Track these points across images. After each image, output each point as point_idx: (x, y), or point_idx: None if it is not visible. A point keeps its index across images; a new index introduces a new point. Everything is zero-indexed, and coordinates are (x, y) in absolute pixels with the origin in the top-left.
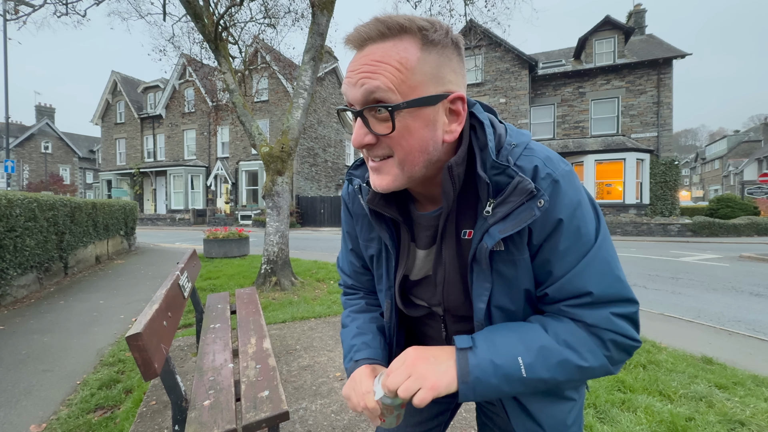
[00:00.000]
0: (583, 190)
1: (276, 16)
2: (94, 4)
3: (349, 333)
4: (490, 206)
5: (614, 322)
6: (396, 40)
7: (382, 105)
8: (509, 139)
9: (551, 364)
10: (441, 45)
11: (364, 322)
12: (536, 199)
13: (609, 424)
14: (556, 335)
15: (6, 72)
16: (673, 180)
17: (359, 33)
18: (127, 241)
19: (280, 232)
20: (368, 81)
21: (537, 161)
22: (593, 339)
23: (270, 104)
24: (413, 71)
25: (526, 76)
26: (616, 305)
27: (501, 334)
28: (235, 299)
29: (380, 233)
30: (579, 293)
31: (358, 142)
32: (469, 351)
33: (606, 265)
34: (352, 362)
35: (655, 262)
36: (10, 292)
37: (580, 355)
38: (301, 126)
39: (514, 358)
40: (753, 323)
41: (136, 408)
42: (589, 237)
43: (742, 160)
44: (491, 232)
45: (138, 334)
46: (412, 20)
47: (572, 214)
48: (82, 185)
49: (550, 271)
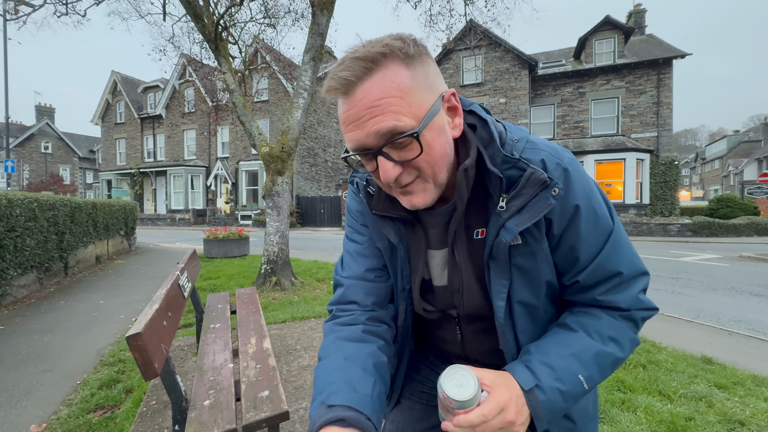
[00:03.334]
0: (589, 176)
1: (276, 16)
2: (94, 4)
3: (327, 365)
4: (503, 201)
5: (641, 300)
6: (383, 70)
7: (405, 135)
8: (510, 135)
9: (605, 367)
10: (417, 55)
11: (355, 352)
12: (550, 188)
13: (609, 423)
14: (600, 335)
15: (6, 72)
16: (673, 180)
17: (343, 78)
18: (127, 241)
19: (280, 232)
20: (381, 122)
21: (543, 153)
22: (629, 324)
23: (270, 104)
24: (412, 91)
25: (526, 76)
26: (638, 281)
27: (555, 353)
28: (235, 299)
29: (387, 235)
30: (611, 275)
31: (391, 177)
32: (536, 389)
33: (628, 245)
34: (322, 407)
35: (655, 262)
36: (10, 292)
37: (622, 347)
38: (301, 126)
39: (576, 377)
40: (753, 323)
41: (136, 408)
42: (606, 219)
43: (742, 160)
44: (507, 226)
45: (138, 334)
46: (387, 44)
47: (588, 199)
48: (82, 185)
49: (577, 257)
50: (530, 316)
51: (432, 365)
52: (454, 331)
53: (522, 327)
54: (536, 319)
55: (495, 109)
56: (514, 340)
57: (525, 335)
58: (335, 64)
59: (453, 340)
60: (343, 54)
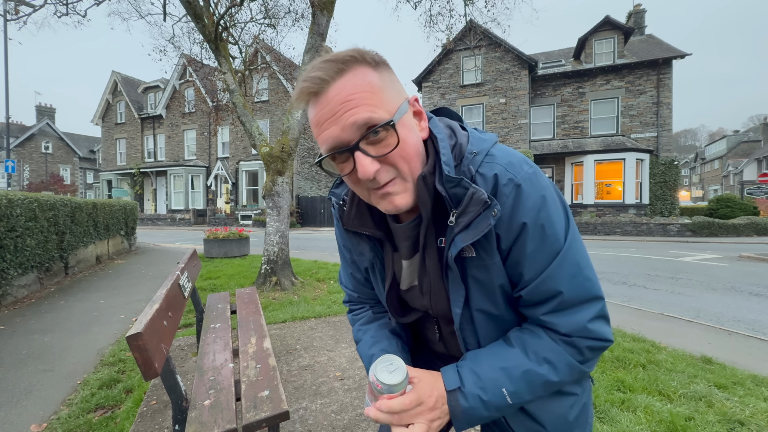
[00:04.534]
0: (551, 190)
1: (276, 17)
2: (95, 5)
3: (365, 345)
4: (453, 216)
5: (588, 328)
6: (353, 71)
7: (382, 125)
8: (470, 148)
9: (534, 387)
10: (382, 63)
11: (376, 330)
12: (491, 209)
13: (609, 423)
14: (536, 355)
15: (6, 72)
16: (673, 180)
17: (317, 77)
18: (127, 241)
19: (281, 232)
20: (356, 113)
21: (497, 168)
22: (570, 349)
23: (270, 104)
24: (382, 89)
25: (526, 77)
26: (587, 306)
27: (486, 364)
28: (236, 299)
29: (362, 249)
30: (550, 295)
31: (369, 173)
32: (458, 392)
33: (575, 267)
34: None
35: (655, 262)
36: (10, 292)
37: (557, 371)
38: (302, 126)
39: (500, 390)
40: (752, 323)
41: (136, 408)
42: (556, 237)
43: (742, 160)
44: (455, 241)
45: (138, 333)
46: (355, 50)
47: (536, 217)
48: (83, 185)
49: (521, 274)
50: (492, 323)
51: (427, 360)
52: (434, 330)
53: (484, 333)
54: (500, 325)
55: (495, 109)
56: (477, 345)
57: (489, 341)
58: (304, 73)
59: (434, 339)
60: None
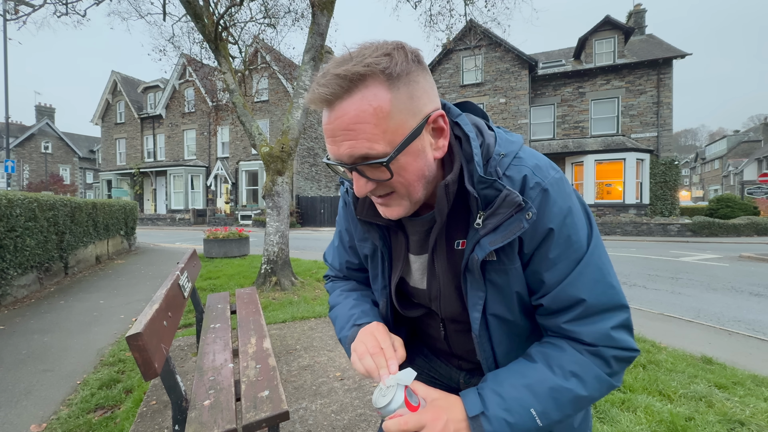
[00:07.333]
0: (575, 196)
1: (276, 16)
2: (94, 4)
3: (344, 306)
4: (481, 218)
5: (614, 337)
6: (362, 90)
7: (375, 162)
8: (498, 149)
9: (563, 404)
10: (405, 73)
11: (359, 296)
12: (525, 212)
13: (609, 423)
14: (561, 369)
15: (6, 72)
16: (673, 180)
17: (323, 94)
18: (127, 241)
19: (280, 232)
20: (353, 147)
21: (526, 170)
22: (596, 360)
23: (270, 104)
24: (390, 116)
25: (526, 76)
26: (611, 315)
27: (509, 383)
28: (235, 299)
29: (372, 237)
30: (572, 302)
31: (362, 192)
32: (482, 417)
33: (598, 273)
34: (354, 328)
35: (655, 262)
36: (10, 292)
37: (585, 384)
38: (301, 126)
39: (527, 410)
40: (752, 323)
41: (136, 408)
42: (580, 245)
43: (742, 160)
44: (482, 243)
45: (138, 334)
46: (370, 63)
47: (562, 223)
48: (83, 185)
49: (542, 281)
50: (506, 329)
51: (427, 358)
52: (438, 328)
53: (498, 339)
54: (513, 333)
55: (495, 109)
56: (491, 351)
57: (502, 348)
58: (319, 73)
59: (438, 337)
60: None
